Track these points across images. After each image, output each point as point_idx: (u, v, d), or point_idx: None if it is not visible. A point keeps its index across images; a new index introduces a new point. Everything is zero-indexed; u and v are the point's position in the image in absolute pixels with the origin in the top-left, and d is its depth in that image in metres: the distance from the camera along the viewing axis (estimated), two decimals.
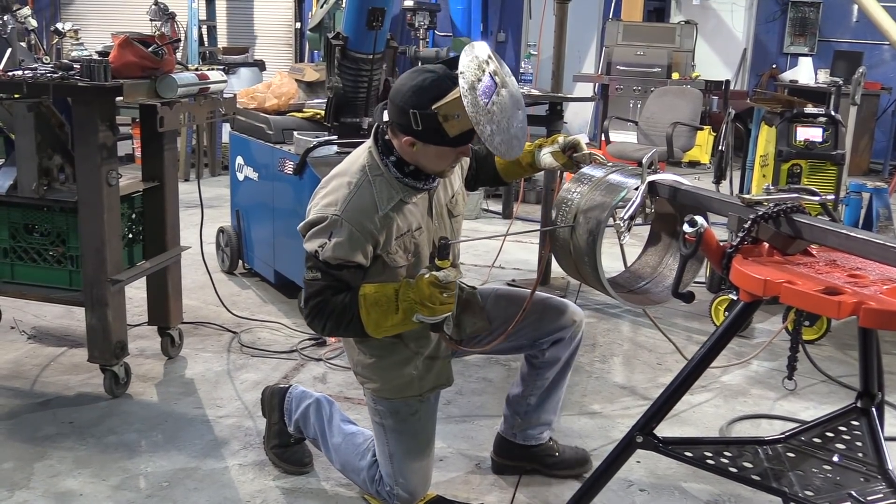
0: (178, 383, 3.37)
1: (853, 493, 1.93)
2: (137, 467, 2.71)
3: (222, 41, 10.17)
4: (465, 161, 2.59)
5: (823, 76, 9.45)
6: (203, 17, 9.04)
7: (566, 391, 2.63)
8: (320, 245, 2.21)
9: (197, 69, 3.34)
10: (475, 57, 2.09)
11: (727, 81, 8.57)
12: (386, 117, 2.28)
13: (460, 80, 2.04)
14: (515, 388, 2.72)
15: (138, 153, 7.21)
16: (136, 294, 3.90)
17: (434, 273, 2.13)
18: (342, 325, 2.25)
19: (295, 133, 4.07)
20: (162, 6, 8.21)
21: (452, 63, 2.13)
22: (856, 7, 9.68)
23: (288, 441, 2.75)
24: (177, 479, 2.65)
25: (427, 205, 2.39)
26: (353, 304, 2.21)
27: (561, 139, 2.54)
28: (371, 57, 3.94)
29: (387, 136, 2.28)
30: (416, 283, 2.16)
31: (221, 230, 4.90)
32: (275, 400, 2.77)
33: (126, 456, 2.78)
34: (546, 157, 2.53)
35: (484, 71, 2.08)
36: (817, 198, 2.07)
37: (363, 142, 3.85)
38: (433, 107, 2.12)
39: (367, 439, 2.56)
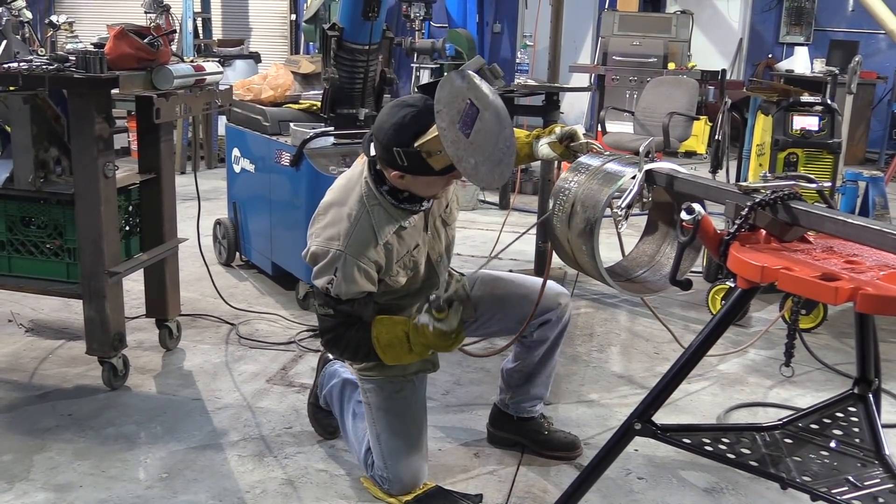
0: (176, 375, 3.37)
1: (850, 478, 1.95)
2: (136, 459, 2.72)
3: (217, 33, 10.13)
4: None
5: (819, 66, 9.44)
6: (198, 9, 9.00)
7: (565, 381, 2.64)
8: (329, 281, 2.28)
9: (192, 61, 3.33)
10: (452, 88, 2.11)
11: (723, 71, 8.50)
12: (373, 151, 2.31)
13: (437, 120, 2.06)
14: (509, 362, 2.82)
15: (134, 146, 7.17)
16: (133, 286, 3.90)
17: (438, 326, 2.26)
18: (359, 357, 2.42)
19: (291, 124, 4.06)
20: None
21: (432, 89, 2.14)
22: None
23: (319, 405, 2.87)
24: (176, 470, 2.66)
25: (423, 222, 2.46)
26: (367, 343, 2.34)
27: (558, 129, 2.54)
28: (367, 48, 3.93)
29: (378, 167, 2.32)
30: (423, 331, 2.28)
31: (218, 222, 4.90)
32: (320, 364, 2.91)
33: (125, 447, 2.78)
34: (543, 147, 2.54)
35: (463, 100, 2.11)
36: (814, 185, 2.08)
37: (359, 132, 3.90)
38: (415, 144, 2.15)
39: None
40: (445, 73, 2.19)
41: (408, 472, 2.50)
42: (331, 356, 2.89)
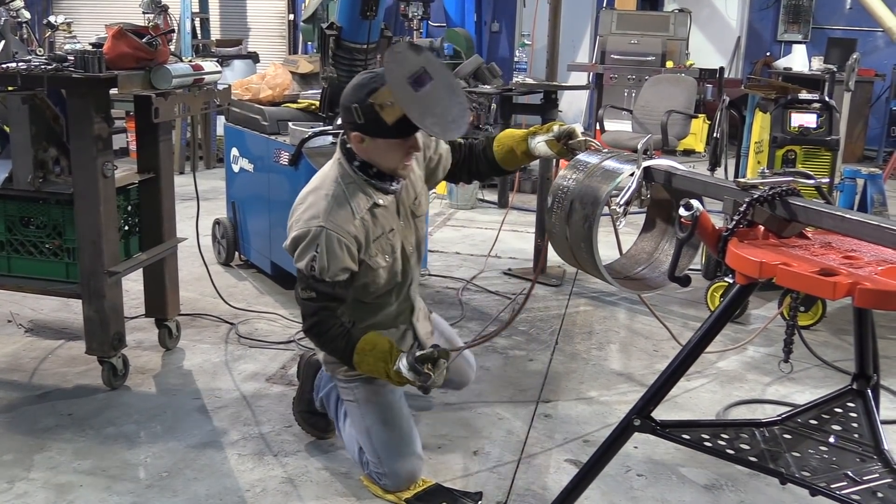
0: (176, 374, 3.37)
1: (849, 473, 1.95)
2: (137, 458, 2.72)
3: (215, 33, 10.12)
4: (436, 159, 2.72)
5: (817, 63, 9.45)
6: (196, 9, 9.00)
7: (564, 378, 2.63)
8: (311, 259, 2.37)
9: (191, 61, 3.33)
10: (406, 55, 2.30)
11: (721, 69, 8.53)
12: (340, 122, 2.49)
13: (387, 74, 2.25)
14: None
15: (133, 147, 7.19)
16: (132, 286, 3.90)
17: (421, 384, 2.33)
18: (336, 356, 2.49)
19: (290, 124, 4.07)
20: None
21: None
22: None
23: (314, 409, 2.86)
24: (176, 469, 2.66)
25: (395, 207, 2.56)
26: (347, 359, 2.42)
27: (556, 127, 2.55)
28: (365, 47, 3.93)
29: (348, 145, 2.46)
30: (405, 380, 2.35)
31: (217, 222, 4.90)
32: (309, 371, 2.90)
33: (125, 447, 2.79)
34: (540, 145, 2.55)
35: (416, 66, 2.27)
36: (812, 181, 2.08)
37: None
38: (369, 99, 2.31)
39: None
40: (402, 42, 2.43)
41: (402, 464, 2.51)
42: (319, 359, 2.87)
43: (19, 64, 2.91)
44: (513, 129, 2.73)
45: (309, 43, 9.36)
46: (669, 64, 9.08)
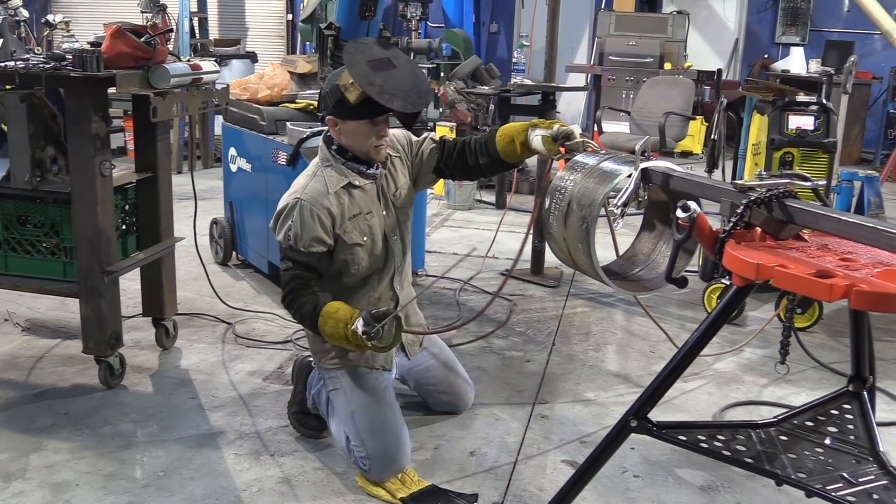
0: (173, 374, 3.37)
1: (845, 474, 1.95)
2: (133, 457, 2.72)
3: (214, 33, 10.12)
4: (419, 159, 2.82)
5: (815, 66, 9.46)
6: (194, 8, 8.99)
7: (561, 380, 2.65)
8: (288, 229, 2.55)
9: (189, 61, 3.33)
10: (370, 46, 2.57)
11: (719, 71, 8.53)
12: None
13: (346, 57, 2.49)
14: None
15: (130, 146, 7.19)
16: (130, 286, 3.90)
17: (375, 343, 2.38)
18: (304, 323, 2.59)
19: (288, 124, 4.07)
20: None
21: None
22: None
23: (307, 410, 2.89)
24: (173, 468, 2.66)
25: (375, 192, 2.70)
26: (313, 324, 2.50)
27: (556, 126, 2.55)
28: None
29: (327, 131, 2.67)
30: (361, 341, 2.39)
31: (215, 222, 4.89)
32: (302, 372, 2.95)
33: (122, 446, 2.78)
34: (536, 138, 2.57)
35: (380, 54, 2.52)
36: (809, 183, 2.09)
37: None
38: (336, 81, 2.52)
39: None
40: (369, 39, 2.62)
41: (385, 447, 2.54)
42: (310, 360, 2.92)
43: (17, 62, 2.90)
44: (515, 122, 2.75)
45: (307, 43, 9.34)
46: (667, 66, 9.09)
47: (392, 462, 2.54)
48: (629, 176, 2.25)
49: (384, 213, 2.72)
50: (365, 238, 2.65)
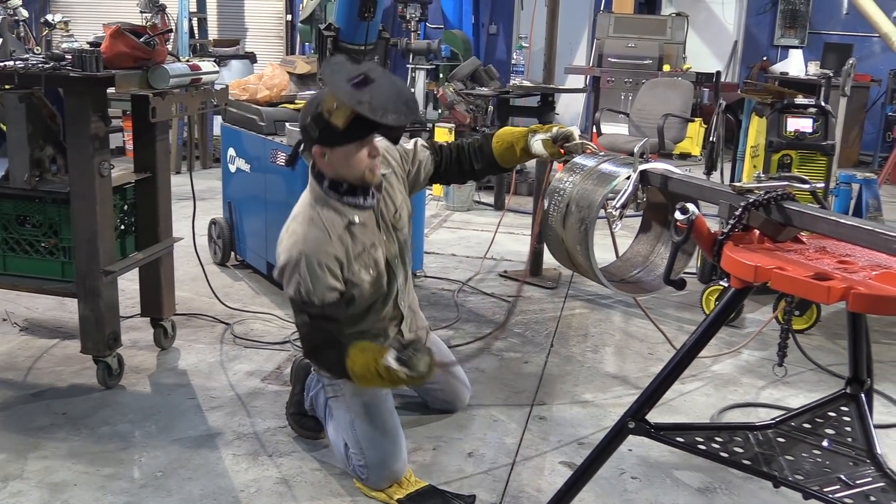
0: (171, 374, 3.37)
1: (842, 476, 1.96)
2: (131, 458, 2.72)
3: (213, 33, 10.13)
4: (415, 169, 2.77)
5: (814, 68, 9.46)
6: (193, 9, 9.00)
7: (559, 381, 2.64)
8: (297, 284, 2.42)
9: (188, 61, 3.33)
10: (342, 64, 2.40)
11: (718, 73, 8.57)
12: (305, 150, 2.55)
13: (327, 80, 2.33)
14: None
15: (129, 146, 7.19)
16: (128, 286, 3.89)
17: (407, 372, 2.30)
18: (336, 375, 2.53)
19: (287, 124, 4.07)
20: None
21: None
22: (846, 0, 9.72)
23: (304, 411, 2.88)
24: (171, 469, 2.66)
25: (375, 221, 2.59)
26: (342, 367, 2.40)
27: (555, 129, 2.56)
28: (363, 48, 3.94)
29: (316, 168, 2.51)
30: (395, 374, 2.31)
31: (213, 222, 4.89)
32: (300, 373, 2.93)
33: (120, 446, 2.78)
34: (536, 143, 2.58)
35: (355, 69, 2.36)
36: (807, 186, 2.09)
37: None
38: (318, 109, 2.37)
39: None
40: (338, 55, 2.50)
41: (384, 457, 2.53)
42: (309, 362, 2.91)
43: (17, 62, 2.90)
44: (511, 127, 2.75)
45: (306, 44, 9.35)
46: (666, 67, 9.10)
47: (390, 472, 2.54)
48: (628, 178, 2.26)
49: (385, 239, 2.63)
50: (371, 271, 2.57)
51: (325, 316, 2.43)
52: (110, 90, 2.93)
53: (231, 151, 4.69)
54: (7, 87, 2.99)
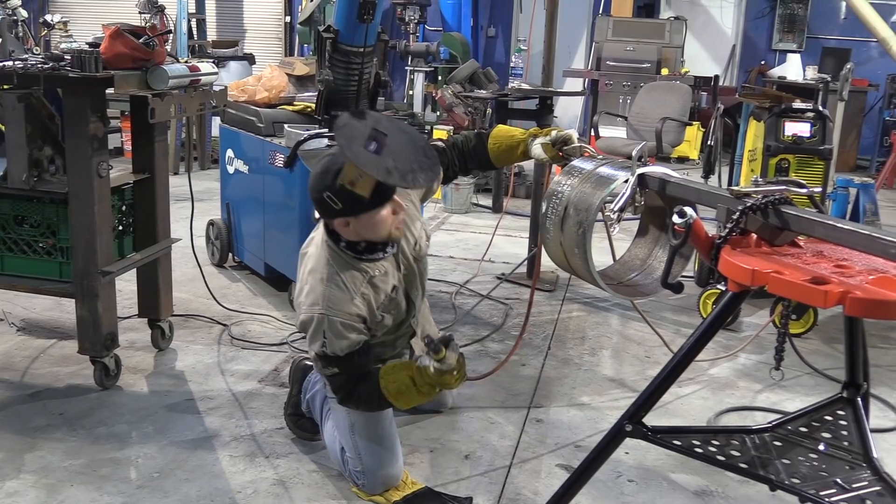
0: (168, 375, 3.37)
1: (839, 480, 1.96)
2: (128, 458, 2.72)
3: (212, 35, 10.13)
4: (426, 188, 2.69)
5: (811, 73, 9.49)
6: (192, 10, 9.00)
7: (556, 384, 2.64)
8: (322, 345, 2.38)
9: (187, 62, 3.34)
10: (350, 126, 2.25)
11: (716, 77, 8.61)
12: (317, 214, 2.44)
13: (345, 150, 2.19)
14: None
15: (128, 146, 7.18)
16: (126, 286, 3.89)
17: (438, 367, 2.29)
18: (375, 407, 2.48)
19: (285, 126, 4.07)
20: None
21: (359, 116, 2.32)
22: (844, 4, 9.73)
23: (301, 412, 2.87)
24: (167, 469, 2.66)
25: (395, 265, 2.54)
26: (377, 394, 2.39)
27: (554, 133, 2.57)
28: (362, 50, 3.94)
29: (331, 228, 2.43)
30: (425, 373, 2.32)
31: (211, 223, 4.89)
32: (298, 374, 2.92)
33: (117, 447, 2.78)
34: (536, 147, 2.58)
35: (366, 130, 2.23)
36: (804, 190, 2.10)
37: None
38: (338, 181, 2.26)
39: None
40: (342, 114, 2.35)
41: (381, 463, 2.52)
42: (309, 364, 2.92)
43: (16, 62, 2.90)
44: (508, 127, 2.74)
45: (305, 45, 9.38)
46: (665, 71, 9.12)
47: (386, 479, 2.53)
48: (626, 181, 2.26)
49: (405, 274, 2.58)
50: (393, 312, 2.55)
51: (355, 365, 2.41)
52: (109, 91, 2.93)
53: (229, 153, 4.69)
54: (6, 87, 2.99)
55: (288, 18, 10.84)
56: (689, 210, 1.97)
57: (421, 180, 2.26)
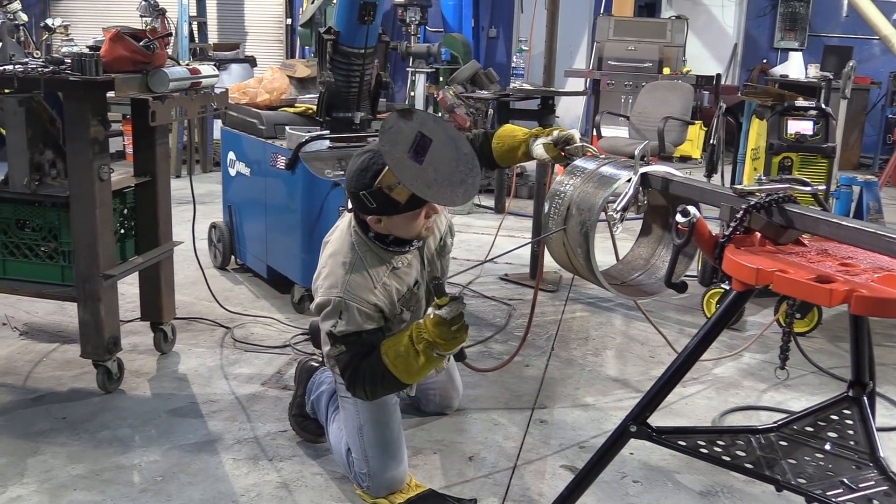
0: (171, 378, 3.36)
1: (845, 480, 1.95)
2: (131, 462, 2.71)
3: (213, 37, 10.14)
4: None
5: (814, 71, 9.47)
6: (193, 13, 9.01)
7: (560, 384, 2.63)
8: (333, 325, 2.38)
9: (188, 65, 3.33)
10: (396, 126, 2.23)
11: (718, 76, 8.58)
12: (349, 204, 2.44)
13: (386, 156, 2.18)
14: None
15: (129, 150, 7.19)
16: (128, 290, 3.89)
17: (437, 313, 2.26)
18: (379, 385, 2.40)
19: (287, 128, 4.06)
20: (152, 2, 8.18)
21: (407, 114, 2.27)
22: (845, 2, 9.72)
23: (306, 414, 2.87)
24: (170, 473, 2.65)
25: (419, 260, 2.57)
26: (380, 364, 2.35)
27: (556, 132, 2.56)
28: (363, 51, 3.94)
29: (361, 218, 2.43)
30: (424, 324, 2.29)
31: (213, 226, 4.89)
32: (303, 375, 2.92)
33: (119, 451, 2.77)
34: (538, 147, 2.57)
35: (411, 133, 2.22)
36: (808, 188, 2.08)
37: (355, 136, 3.93)
38: (376, 183, 2.26)
39: None
40: (391, 113, 2.30)
41: (387, 467, 2.51)
42: (315, 365, 2.92)
43: (16, 66, 2.90)
44: (513, 126, 2.74)
45: (306, 47, 9.38)
46: (666, 70, 9.10)
47: (391, 482, 2.52)
48: (628, 181, 2.25)
49: (429, 270, 2.61)
50: (412, 308, 2.56)
51: (363, 342, 2.39)
52: (110, 94, 2.93)
53: (231, 155, 4.69)
54: (7, 90, 2.99)
55: (289, 20, 10.85)
56: (692, 209, 1.96)
57: (459, 197, 2.26)
